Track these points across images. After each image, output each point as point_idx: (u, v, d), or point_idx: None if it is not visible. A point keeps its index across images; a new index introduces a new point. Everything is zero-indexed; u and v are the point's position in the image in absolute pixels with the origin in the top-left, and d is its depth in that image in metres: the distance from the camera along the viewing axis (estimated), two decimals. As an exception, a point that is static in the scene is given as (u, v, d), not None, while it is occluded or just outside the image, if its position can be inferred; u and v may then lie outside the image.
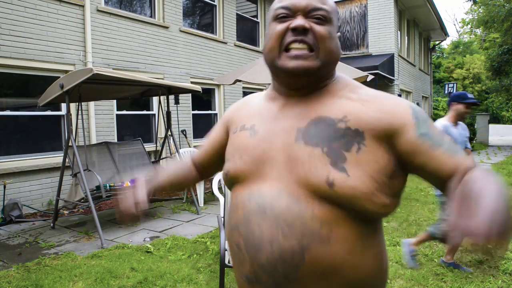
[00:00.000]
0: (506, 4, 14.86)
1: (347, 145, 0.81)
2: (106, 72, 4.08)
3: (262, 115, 0.94)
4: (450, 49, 47.13)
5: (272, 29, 0.86)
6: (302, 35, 0.82)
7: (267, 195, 0.85)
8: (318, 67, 0.84)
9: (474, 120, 17.31)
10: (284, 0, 0.86)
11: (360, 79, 6.64)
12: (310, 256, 0.80)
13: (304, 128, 0.85)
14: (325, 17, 0.84)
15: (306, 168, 0.81)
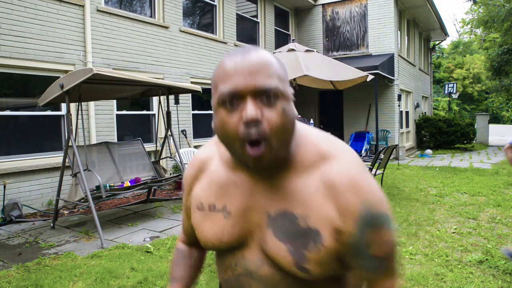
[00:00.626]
0: (506, 4, 14.86)
1: (308, 245, 0.82)
2: (106, 72, 4.08)
3: (230, 192, 0.91)
4: (450, 49, 47.12)
5: (222, 119, 0.78)
6: (255, 130, 0.75)
7: (251, 262, 0.90)
8: (274, 156, 0.80)
9: (474, 120, 17.31)
10: (226, 82, 0.77)
11: (360, 79, 6.65)
12: None
13: (273, 217, 0.85)
14: (275, 94, 0.77)
15: (274, 254, 0.85)
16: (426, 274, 3.20)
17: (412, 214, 5.15)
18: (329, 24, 12.63)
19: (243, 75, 0.76)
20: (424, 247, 3.88)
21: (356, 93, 12.24)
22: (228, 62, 0.78)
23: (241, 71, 0.76)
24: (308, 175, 0.84)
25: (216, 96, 0.79)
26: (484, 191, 6.54)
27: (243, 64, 0.76)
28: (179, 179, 6.28)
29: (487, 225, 4.62)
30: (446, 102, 34.49)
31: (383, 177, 7.06)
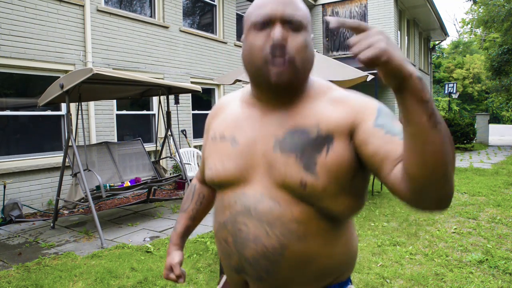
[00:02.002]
0: (506, 4, 14.85)
1: (318, 149, 0.88)
2: (106, 72, 4.08)
3: (241, 124, 0.98)
4: (450, 49, 47.12)
5: (252, 40, 0.89)
6: (280, 49, 0.85)
7: (251, 198, 0.93)
8: (296, 78, 0.89)
9: (474, 120, 17.31)
10: (261, 9, 0.88)
11: (360, 79, 6.64)
12: (288, 252, 0.91)
13: (281, 137, 0.91)
14: (300, 25, 0.88)
15: (283, 173, 0.89)
16: (426, 274, 3.21)
17: (412, 214, 5.15)
18: (329, 24, 12.63)
19: (275, 4, 0.87)
20: (424, 247, 3.88)
21: (356, 93, 12.23)
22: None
23: (273, 1, 0.87)
24: (317, 100, 0.94)
25: (247, 24, 0.91)
26: (484, 191, 6.54)
27: None
28: (179, 179, 6.28)
29: (487, 225, 4.62)
30: (446, 102, 34.49)
31: (383, 177, 7.06)
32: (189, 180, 5.77)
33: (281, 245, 0.91)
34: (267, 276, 0.95)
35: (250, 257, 0.94)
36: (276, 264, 0.93)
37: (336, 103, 0.92)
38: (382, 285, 3.04)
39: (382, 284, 3.05)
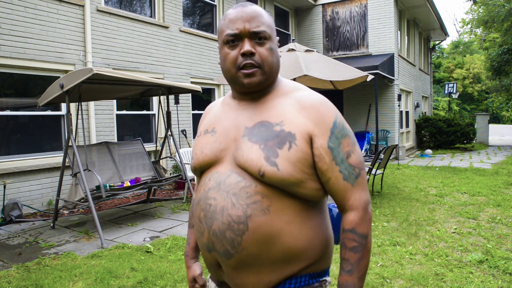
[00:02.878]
0: (506, 4, 14.85)
1: (280, 144, 0.99)
2: (106, 72, 4.08)
3: (220, 118, 1.15)
4: (450, 49, 47.11)
5: (226, 54, 1.06)
6: (249, 57, 1.03)
7: (222, 174, 1.05)
8: (265, 79, 1.06)
9: (474, 120, 17.31)
10: (229, 27, 1.05)
11: (360, 79, 6.65)
12: (252, 223, 0.98)
13: (250, 128, 1.05)
14: (265, 36, 1.05)
15: (245, 158, 1.00)
16: (426, 274, 3.20)
17: (412, 214, 5.15)
18: (329, 24, 12.63)
19: (242, 21, 1.03)
20: (424, 247, 3.88)
21: (356, 93, 12.24)
22: (232, 13, 1.06)
23: (241, 19, 1.04)
24: (285, 98, 1.08)
25: (221, 38, 1.07)
26: (484, 191, 6.54)
27: (242, 14, 1.04)
28: (179, 179, 6.28)
29: (487, 225, 4.62)
30: (446, 102, 34.49)
31: (383, 177, 7.06)
32: (189, 180, 5.77)
33: (246, 215, 0.98)
34: (233, 251, 1.00)
35: (217, 230, 1.01)
36: (241, 236, 0.99)
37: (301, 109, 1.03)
38: (382, 285, 3.04)
39: (382, 284, 3.05)
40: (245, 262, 1.01)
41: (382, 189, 6.78)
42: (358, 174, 1.02)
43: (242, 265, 1.02)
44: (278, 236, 0.99)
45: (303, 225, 1.02)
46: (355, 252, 0.99)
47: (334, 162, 1.00)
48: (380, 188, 6.81)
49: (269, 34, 1.06)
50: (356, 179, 1.01)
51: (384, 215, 5.14)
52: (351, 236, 1.00)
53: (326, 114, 1.02)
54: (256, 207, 0.98)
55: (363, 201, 1.01)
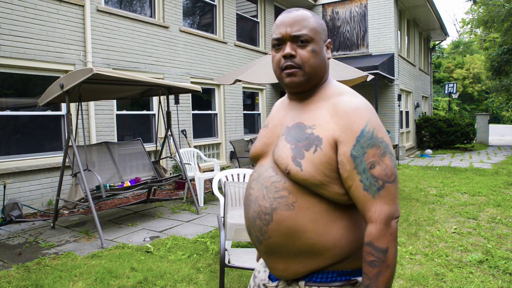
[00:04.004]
0: (506, 4, 14.85)
1: (308, 146, 1.05)
2: (106, 72, 4.08)
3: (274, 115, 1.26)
4: (450, 49, 47.11)
5: (273, 56, 1.18)
6: (290, 59, 1.12)
7: (263, 167, 1.15)
8: (306, 80, 1.13)
9: (474, 120, 17.31)
10: (275, 33, 1.15)
11: (360, 79, 6.65)
12: (277, 216, 1.06)
13: (289, 128, 1.13)
14: (306, 39, 1.12)
15: (278, 155, 1.09)
16: (426, 274, 3.21)
17: (412, 214, 5.15)
18: (329, 24, 12.63)
19: (284, 27, 1.13)
20: (424, 247, 3.88)
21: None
22: (278, 19, 1.17)
23: (283, 24, 1.14)
24: (325, 102, 1.12)
25: (271, 41, 1.18)
26: (484, 191, 6.54)
27: (285, 19, 1.14)
28: (179, 179, 6.28)
29: (487, 225, 4.62)
30: (446, 102, 34.48)
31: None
32: (189, 180, 5.77)
33: (271, 207, 1.07)
34: (262, 238, 1.10)
35: (251, 217, 1.13)
36: (266, 225, 1.08)
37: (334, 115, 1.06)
38: (382, 285, 3.04)
39: (382, 284, 3.04)
40: (273, 249, 1.09)
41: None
42: (381, 186, 0.99)
43: (271, 252, 1.11)
44: (302, 231, 1.04)
45: (329, 224, 1.04)
46: (373, 267, 0.98)
47: (356, 171, 1.00)
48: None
49: (311, 37, 1.12)
50: (378, 191, 0.99)
51: (384, 215, 5.14)
52: (369, 250, 0.98)
53: (355, 121, 1.02)
54: (282, 201, 1.06)
55: (384, 214, 0.98)
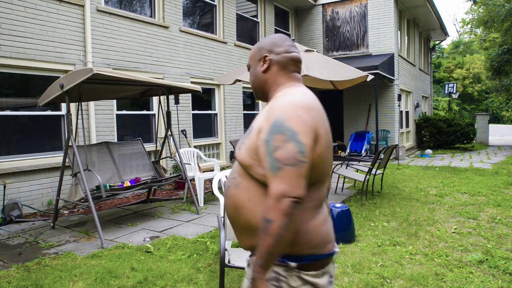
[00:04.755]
0: (506, 4, 14.85)
1: (247, 135, 1.28)
2: (106, 72, 4.08)
3: None
4: (450, 49, 47.10)
5: None
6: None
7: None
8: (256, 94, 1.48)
9: (474, 120, 17.31)
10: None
11: (360, 79, 6.64)
12: (229, 193, 1.30)
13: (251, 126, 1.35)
14: (248, 67, 1.48)
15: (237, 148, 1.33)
16: (426, 274, 3.21)
17: (412, 214, 5.15)
18: (329, 24, 12.63)
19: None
20: (424, 247, 3.88)
21: (356, 93, 12.23)
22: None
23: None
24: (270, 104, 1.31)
25: None
26: (484, 191, 6.54)
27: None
28: (179, 179, 6.28)
29: (487, 225, 4.62)
30: (446, 102, 34.48)
31: (383, 177, 7.06)
32: (189, 180, 5.77)
33: (227, 186, 1.33)
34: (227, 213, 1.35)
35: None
36: (226, 200, 1.32)
37: (267, 109, 1.26)
38: (382, 285, 3.04)
39: (382, 284, 3.05)
40: (231, 223, 1.33)
41: (382, 189, 6.78)
42: (280, 168, 1.12)
43: (232, 225, 1.33)
44: (241, 207, 1.24)
45: (261, 205, 1.18)
46: (260, 234, 1.12)
47: (266, 153, 1.16)
48: (380, 188, 6.80)
49: (249, 65, 1.47)
50: (277, 171, 1.12)
51: (384, 215, 5.14)
52: (262, 220, 1.13)
53: (274, 113, 1.20)
54: (233, 181, 1.30)
55: (278, 191, 1.10)
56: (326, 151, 1.23)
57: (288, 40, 1.46)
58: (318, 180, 1.24)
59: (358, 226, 4.63)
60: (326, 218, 1.30)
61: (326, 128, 1.26)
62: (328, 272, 1.28)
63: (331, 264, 1.31)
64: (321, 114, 1.27)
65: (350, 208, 4.38)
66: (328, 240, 1.26)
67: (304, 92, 1.32)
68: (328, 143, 1.25)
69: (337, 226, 4.07)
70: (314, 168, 1.19)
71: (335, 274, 1.39)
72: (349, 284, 3.06)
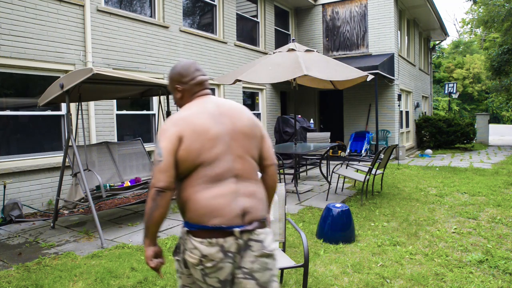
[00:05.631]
0: (506, 4, 14.85)
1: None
2: (106, 72, 4.08)
3: None
4: (450, 49, 47.10)
5: None
6: None
7: None
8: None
9: (474, 120, 17.31)
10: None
11: (360, 79, 6.64)
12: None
13: None
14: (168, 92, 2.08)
15: None
16: (426, 274, 3.21)
17: (412, 214, 5.15)
18: (329, 24, 12.63)
19: None
20: (424, 247, 3.88)
21: (356, 93, 12.23)
22: None
23: None
24: None
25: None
26: (484, 191, 6.54)
27: None
28: (179, 179, 6.27)
29: (487, 225, 4.62)
30: (446, 102, 34.48)
31: (383, 177, 7.06)
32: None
33: None
34: None
35: None
36: None
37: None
38: (382, 285, 3.04)
39: (382, 284, 3.05)
40: None
41: (382, 189, 6.78)
42: (154, 164, 1.58)
43: None
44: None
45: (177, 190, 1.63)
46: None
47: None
48: (380, 188, 6.80)
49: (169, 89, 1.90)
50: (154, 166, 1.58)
51: (384, 215, 5.14)
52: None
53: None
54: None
55: (152, 182, 1.54)
56: (194, 144, 1.56)
57: (193, 66, 1.85)
58: (198, 164, 1.56)
59: (358, 226, 4.63)
60: (222, 196, 1.54)
61: (196, 128, 1.58)
62: (220, 246, 1.51)
63: (230, 239, 1.52)
64: (190, 121, 1.61)
65: (350, 208, 4.38)
66: (215, 215, 1.51)
67: (191, 106, 1.70)
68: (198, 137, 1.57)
69: (337, 226, 4.07)
70: (183, 159, 1.55)
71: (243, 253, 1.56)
72: (349, 284, 3.06)
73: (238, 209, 1.55)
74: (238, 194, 1.57)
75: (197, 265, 1.53)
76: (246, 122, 1.68)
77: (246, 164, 1.64)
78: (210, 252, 1.50)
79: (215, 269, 1.52)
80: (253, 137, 1.69)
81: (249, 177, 1.64)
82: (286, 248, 3.78)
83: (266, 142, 1.76)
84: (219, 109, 1.68)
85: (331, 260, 3.55)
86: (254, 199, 1.62)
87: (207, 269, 1.52)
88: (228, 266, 1.53)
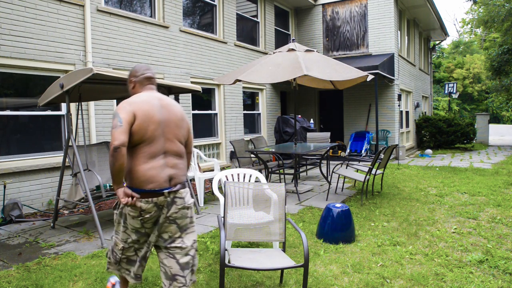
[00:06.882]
0: (506, 4, 14.85)
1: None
2: (106, 72, 4.08)
3: None
4: (450, 49, 47.11)
5: None
6: None
7: None
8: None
9: (474, 120, 17.31)
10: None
11: (360, 79, 6.64)
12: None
13: None
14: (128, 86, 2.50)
15: None
16: (426, 274, 3.21)
17: (412, 214, 5.15)
18: (329, 24, 12.63)
19: None
20: (424, 247, 3.88)
21: (356, 93, 12.24)
22: None
23: None
24: None
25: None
26: (484, 191, 6.54)
27: None
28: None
29: (487, 225, 4.62)
30: (446, 102, 34.48)
31: (383, 177, 7.06)
32: (189, 180, 5.77)
33: None
34: None
35: None
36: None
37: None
38: (382, 285, 3.04)
39: (382, 284, 3.05)
40: None
41: (382, 189, 6.78)
42: (110, 130, 2.06)
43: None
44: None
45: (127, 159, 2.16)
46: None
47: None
48: (380, 188, 6.81)
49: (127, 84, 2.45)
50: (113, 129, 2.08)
51: (384, 215, 5.14)
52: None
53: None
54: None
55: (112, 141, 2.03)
56: (144, 123, 2.13)
57: (145, 66, 2.42)
58: (144, 140, 2.15)
59: (358, 226, 4.63)
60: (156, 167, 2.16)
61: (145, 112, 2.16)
62: (154, 203, 2.18)
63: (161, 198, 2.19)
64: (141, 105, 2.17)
65: (350, 208, 4.38)
66: (151, 181, 2.14)
67: (140, 95, 2.28)
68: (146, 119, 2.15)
69: (337, 226, 4.07)
70: (135, 132, 2.11)
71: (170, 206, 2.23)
72: (349, 284, 3.06)
73: (166, 176, 2.19)
74: (166, 166, 2.20)
75: (138, 217, 2.19)
76: (179, 116, 2.33)
77: (173, 145, 2.26)
78: (148, 207, 2.17)
79: (150, 218, 2.21)
80: (181, 127, 2.32)
81: (174, 154, 2.26)
82: (286, 248, 3.79)
83: (190, 135, 2.44)
84: (160, 102, 2.27)
85: (331, 260, 3.55)
86: (177, 169, 2.26)
87: (145, 219, 2.20)
88: (159, 215, 2.23)
